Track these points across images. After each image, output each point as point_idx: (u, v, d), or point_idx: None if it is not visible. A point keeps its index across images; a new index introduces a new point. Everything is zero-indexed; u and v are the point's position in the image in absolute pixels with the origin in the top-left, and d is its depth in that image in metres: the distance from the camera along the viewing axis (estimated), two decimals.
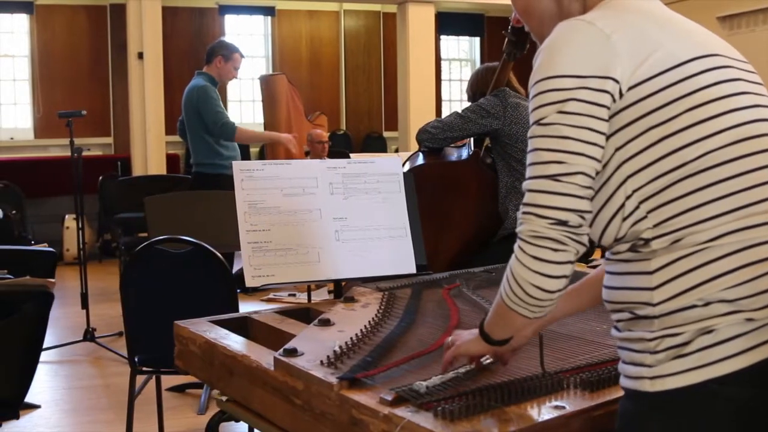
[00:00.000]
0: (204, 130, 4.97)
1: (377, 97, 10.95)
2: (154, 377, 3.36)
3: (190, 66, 8.27)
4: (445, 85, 11.53)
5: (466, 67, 11.80)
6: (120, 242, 6.64)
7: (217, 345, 1.73)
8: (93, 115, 8.07)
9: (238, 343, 1.74)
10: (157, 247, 2.80)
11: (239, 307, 2.72)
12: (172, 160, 8.82)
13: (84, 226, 5.25)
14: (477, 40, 11.59)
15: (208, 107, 4.93)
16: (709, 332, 1.12)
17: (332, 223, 2.25)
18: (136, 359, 2.84)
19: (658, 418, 1.14)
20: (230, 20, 10.38)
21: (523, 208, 1.18)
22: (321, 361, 1.47)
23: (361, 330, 1.69)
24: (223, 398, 1.75)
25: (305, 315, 2.06)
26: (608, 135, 1.18)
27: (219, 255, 2.77)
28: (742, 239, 1.13)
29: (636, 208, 1.17)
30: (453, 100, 11.61)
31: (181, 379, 3.90)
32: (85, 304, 4.94)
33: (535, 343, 1.44)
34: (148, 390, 3.68)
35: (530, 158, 1.20)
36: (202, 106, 4.93)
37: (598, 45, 1.19)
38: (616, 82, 1.17)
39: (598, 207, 1.20)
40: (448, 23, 10.94)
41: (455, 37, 11.58)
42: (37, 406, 3.80)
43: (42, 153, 9.06)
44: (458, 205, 3.28)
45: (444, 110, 11.18)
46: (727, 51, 1.27)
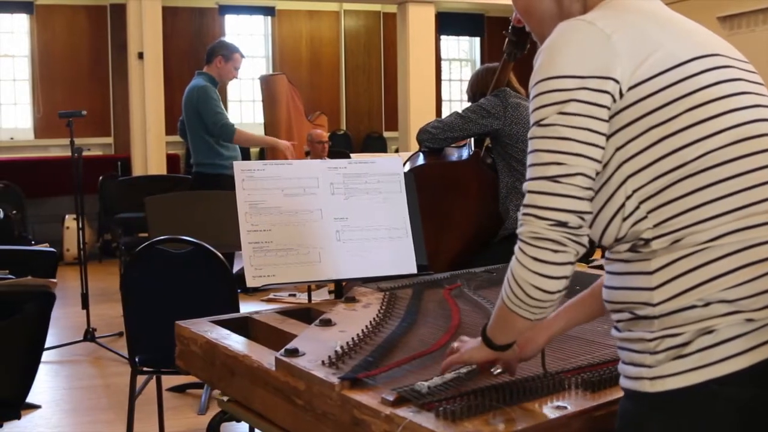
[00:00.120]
0: (204, 131, 4.97)
1: (377, 97, 10.95)
2: (154, 377, 3.36)
3: (190, 66, 8.26)
4: (445, 85, 11.53)
5: (467, 67, 11.80)
6: (120, 242, 6.64)
7: (218, 345, 1.73)
8: (93, 115, 8.07)
9: (239, 344, 1.74)
10: (158, 247, 2.80)
11: (240, 307, 2.73)
12: (172, 160, 8.82)
13: (84, 226, 5.25)
14: (477, 40, 11.59)
15: (207, 108, 4.93)
16: (709, 332, 1.12)
17: (333, 223, 2.25)
18: (136, 359, 2.85)
19: (658, 419, 1.14)
20: (230, 20, 10.38)
21: (523, 210, 1.18)
22: (322, 362, 1.47)
23: (363, 330, 1.69)
24: (225, 398, 1.75)
25: (306, 315, 2.06)
26: (608, 135, 1.18)
27: (220, 255, 2.77)
28: (743, 239, 1.13)
29: (636, 208, 1.17)
30: (453, 100, 11.61)
31: (181, 379, 3.90)
32: (85, 304, 4.94)
33: None
34: (149, 390, 3.68)
35: (530, 159, 1.20)
36: (202, 106, 4.93)
37: (599, 45, 1.19)
38: (617, 82, 1.17)
39: (599, 207, 1.20)
40: (448, 23, 10.94)
41: (455, 37, 11.58)
42: (37, 407, 3.80)
43: (42, 153, 9.06)
44: (459, 205, 3.28)
45: (444, 110, 11.17)
46: (727, 51, 1.27)
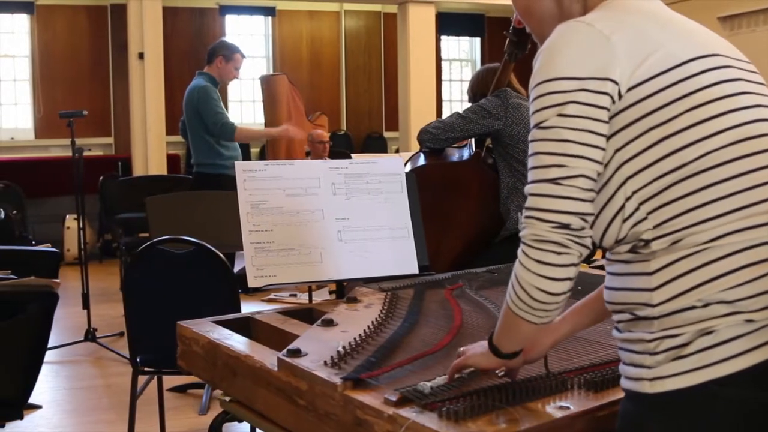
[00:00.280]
0: (205, 131, 4.97)
1: (378, 97, 10.95)
2: (155, 377, 3.36)
3: (190, 66, 8.26)
4: (445, 86, 11.53)
5: (467, 68, 11.80)
6: (121, 242, 6.64)
7: (220, 345, 1.73)
8: (93, 116, 8.06)
9: (241, 344, 1.74)
10: (159, 247, 2.80)
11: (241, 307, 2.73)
12: (172, 160, 8.82)
13: (85, 226, 5.25)
14: (477, 40, 11.59)
15: (208, 108, 4.93)
16: (708, 333, 1.12)
17: (334, 223, 2.25)
18: (137, 359, 2.85)
19: (658, 420, 1.14)
20: (231, 20, 10.38)
21: (525, 212, 1.18)
22: (325, 362, 1.47)
23: (365, 330, 1.69)
24: (227, 398, 1.75)
25: (308, 315, 2.06)
26: (608, 136, 1.18)
27: (221, 255, 2.77)
28: (743, 239, 1.13)
29: (636, 209, 1.17)
30: (453, 100, 11.61)
31: (182, 380, 3.90)
32: (86, 305, 4.94)
33: None
34: (150, 390, 3.68)
35: (531, 162, 1.20)
36: (202, 106, 4.93)
37: (598, 46, 1.19)
38: (615, 83, 1.17)
39: (599, 208, 1.20)
40: (448, 23, 10.93)
41: (456, 37, 11.57)
42: (38, 407, 3.80)
43: (42, 153, 9.06)
44: (460, 205, 3.28)
45: (444, 110, 11.17)
46: (728, 51, 1.27)
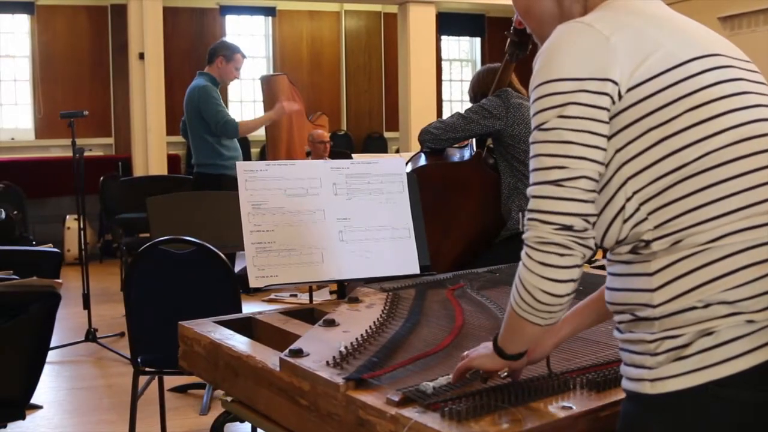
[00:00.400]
0: (206, 131, 4.97)
1: (378, 97, 10.95)
2: (156, 377, 3.36)
3: (191, 66, 8.26)
4: (445, 86, 11.53)
5: (467, 68, 11.80)
6: (121, 243, 6.64)
7: (222, 345, 1.73)
8: (94, 116, 8.06)
9: (243, 344, 1.74)
10: (160, 247, 2.80)
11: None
12: (173, 161, 8.82)
13: (85, 226, 5.25)
14: (478, 40, 11.59)
15: (209, 107, 4.93)
16: (709, 334, 1.12)
17: (336, 223, 2.25)
18: (139, 360, 2.85)
19: (658, 421, 1.14)
20: (231, 20, 10.38)
21: (528, 215, 1.18)
22: (327, 362, 1.47)
23: (367, 330, 1.69)
24: (228, 399, 1.75)
25: (309, 315, 2.06)
26: (609, 137, 1.18)
27: (222, 255, 2.77)
28: (744, 240, 1.13)
29: (636, 210, 1.17)
30: (454, 100, 11.61)
31: (183, 380, 3.89)
32: (86, 305, 4.94)
33: None
34: (150, 390, 3.68)
35: (533, 164, 1.19)
36: (203, 106, 4.93)
37: (597, 47, 1.19)
38: (615, 83, 1.17)
39: (599, 209, 1.19)
40: (448, 24, 10.93)
41: (456, 37, 11.58)
42: (39, 407, 3.80)
43: (43, 153, 9.06)
44: (461, 205, 3.28)
45: (445, 110, 11.17)
46: (729, 50, 1.27)
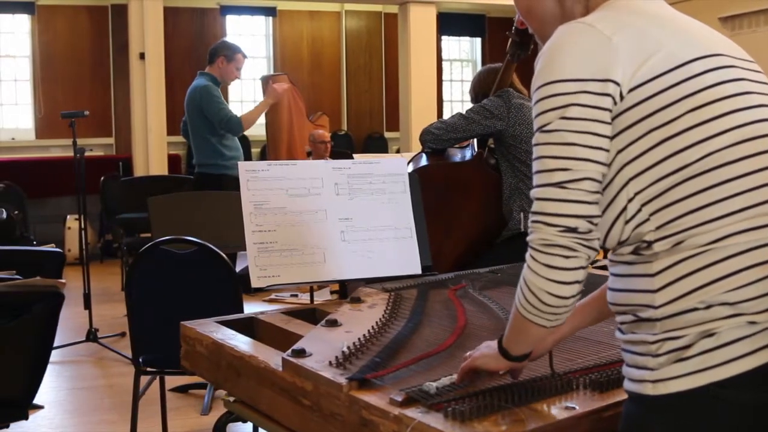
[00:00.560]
0: (207, 131, 4.97)
1: (378, 97, 10.95)
2: (157, 378, 3.36)
3: (191, 66, 8.26)
4: (446, 86, 11.52)
5: (467, 68, 11.80)
6: (122, 243, 6.64)
7: (224, 346, 1.73)
8: (94, 116, 8.05)
9: (245, 344, 1.74)
10: (162, 247, 2.80)
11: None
12: (173, 161, 8.82)
13: (86, 226, 5.26)
14: (478, 40, 11.58)
15: (211, 105, 4.93)
16: (710, 335, 1.12)
17: (337, 223, 2.25)
18: (140, 359, 2.85)
19: (660, 422, 1.14)
20: (231, 21, 10.37)
21: (532, 217, 1.18)
22: (330, 362, 1.47)
23: (369, 331, 1.69)
24: (231, 399, 1.75)
25: (311, 315, 2.06)
26: (611, 137, 1.18)
27: (224, 255, 2.77)
28: (747, 240, 1.13)
29: (638, 210, 1.17)
30: (454, 100, 11.60)
31: (183, 380, 3.90)
32: (87, 305, 4.94)
33: None
34: (151, 390, 3.68)
35: (536, 166, 1.19)
36: (206, 105, 4.93)
37: (599, 47, 1.18)
38: (617, 84, 1.17)
39: (601, 210, 1.19)
40: (449, 24, 10.92)
41: (456, 37, 11.57)
42: (40, 407, 3.79)
43: (43, 153, 9.06)
44: (462, 206, 3.28)
45: (445, 111, 11.17)
46: (731, 50, 1.26)
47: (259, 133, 7.57)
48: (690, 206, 1.14)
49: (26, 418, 2.51)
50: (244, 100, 10.36)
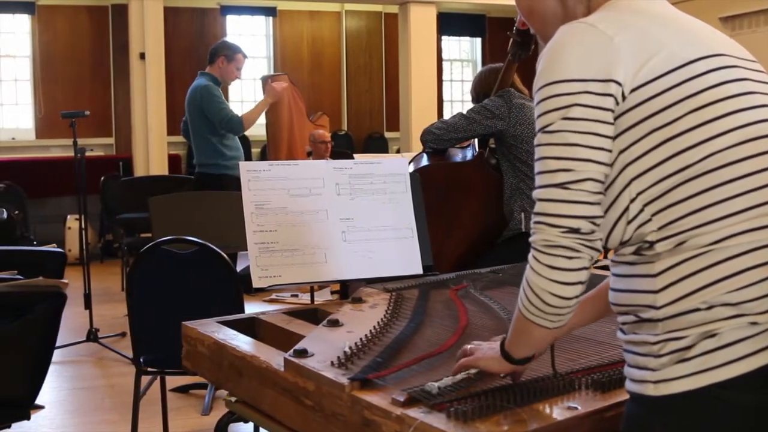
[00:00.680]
0: (208, 131, 4.97)
1: (379, 97, 10.95)
2: (157, 378, 3.36)
3: (191, 66, 8.27)
4: (446, 86, 11.52)
5: (468, 68, 11.80)
6: (122, 243, 6.64)
7: (226, 346, 1.73)
8: (95, 116, 8.04)
9: (247, 344, 1.73)
10: (163, 247, 2.80)
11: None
12: (173, 161, 8.82)
13: (87, 226, 5.26)
14: (478, 40, 11.59)
15: (212, 105, 4.93)
16: (712, 336, 1.12)
17: (339, 223, 2.25)
18: (141, 360, 2.84)
19: (661, 422, 1.14)
20: (232, 21, 10.37)
21: (534, 218, 1.17)
22: (332, 362, 1.47)
23: (371, 331, 1.68)
24: (232, 399, 1.75)
25: (313, 316, 2.06)
26: (613, 137, 1.17)
27: (225, 255, 2.77)
28: (749, 241, 1.13)
29: (640, 211, 1.17)
30: (454, 100, 11.60)
31: (184, 380, 3.90)
32: (88, 305, 4.94)
33: None
34: (151, 390, 3.68)
35: (538, 167, 1.19)
36: (206, 105, 4.93)
37: (600, 47, 1.18)
38: (619, 84, 1.16)
39: (603, 210, 1.19)
40: (449, 24, 10.92)
41: (457, 37, 11.58)
42: (41, 407, 3.79)
43: (43, 153, 9.06)
44: (463, 206, 3.28)
45: (445, 111, 11.17)
46: (734, 50, 1.26)
47: (259, 133, 7.56)
48: (692, 207, 1.14)
49: (28, 418, 2.51)
50: (245, 100, 10.36)
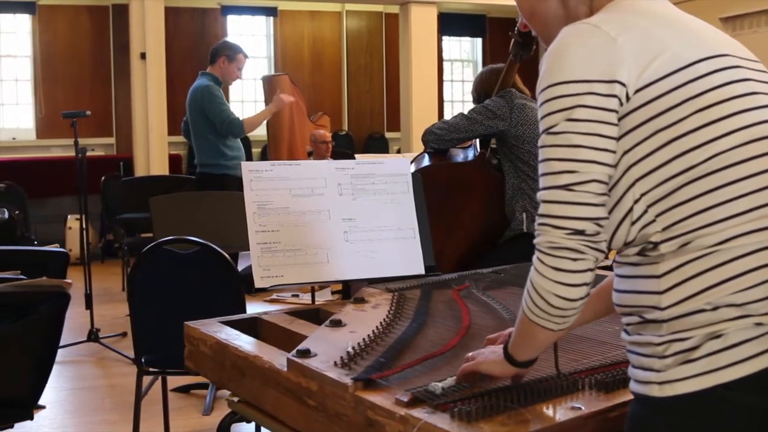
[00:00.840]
0: (209, 131, 4.97)
1: (379, 97, 10.95)
2: (159, 378, 3.36)
3: (192, 66, 8.27)
4: (447, 86, 11.52)
5: (468, 68, 11.80)
6: (123, 243, 6.64)
7: (228, 346, 1.73)
8: (95, 116, 8.04)
9: (249, 344, 1.73)
10: (164, 247, 2.80)
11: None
12: (174, 161, 8.82)
13: (87, 226, 5.26)
14: (479, 40, 11.59)
15: (213, 106, 4.93)
16: (717, 337, 1.11)
17: (341, 223, 2.25)
18: (142, 360, 2.84)
19: (666, 423, 1.14)
20: (232, 21, 10.37)
21: (538, 219, 1.17)
22: (335, 362, 1.46)
23: (373, 331, 1.68)
24: (235, 399, 1.75)
25: (315, 316, 2.06)
26: (617, 138, 1.17)
27: (226, 255, 2.77)
28: (754, 241, 1.12)
29: (644, 212, 1.16)
30: (455, 100, 11.61)
31: (185, 380, 3.90)
32: (89, 305, 4.94)
33: None
34: (153, 391, 3.68)
35: (542, 168, 1.18)
36: (207, 105, 4.93)
37: (604, 48, 1.18)
38: (623, 85, 1.16)
39: (608, 211, 1.19)
40: (450, 24, 10.92)
41: (457, 37, 11.58)
42: (42, 407, 3.79)
43: (44, 153, 9.06)
44: (464, 206, 3.28)
45: (446, 111, 11.17)
46: (737, 51, 1.26)
47: (260, 133, 7.54)
48: (696, 207, 1.14)
49: (31, 418, 2.50)
50: (245, 100, 10.37)
